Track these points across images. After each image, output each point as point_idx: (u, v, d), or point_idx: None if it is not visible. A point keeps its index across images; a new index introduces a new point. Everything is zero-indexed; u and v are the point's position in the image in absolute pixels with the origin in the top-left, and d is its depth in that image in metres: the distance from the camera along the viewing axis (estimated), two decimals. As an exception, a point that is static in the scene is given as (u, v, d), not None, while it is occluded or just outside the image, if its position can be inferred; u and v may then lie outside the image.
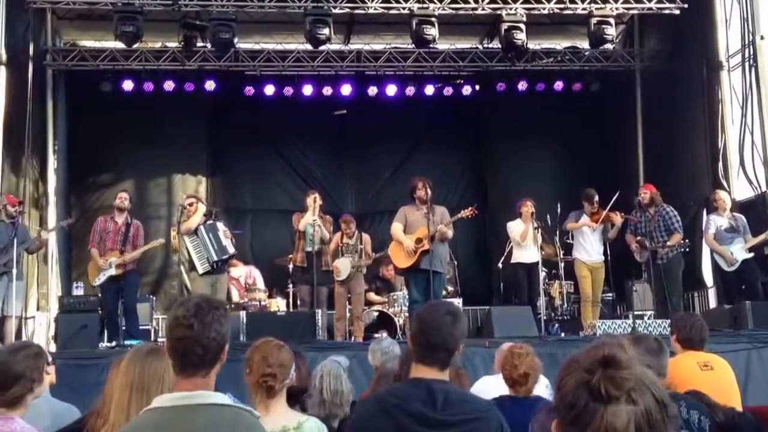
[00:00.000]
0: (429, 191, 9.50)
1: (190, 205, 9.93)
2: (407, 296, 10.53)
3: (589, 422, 1.42)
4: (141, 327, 10.38)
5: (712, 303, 11.75)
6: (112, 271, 9.81)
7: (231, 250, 9.86)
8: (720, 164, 11.99)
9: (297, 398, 4.01)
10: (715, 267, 10.75)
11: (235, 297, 11.93)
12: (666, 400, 1.44)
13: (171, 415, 2.48)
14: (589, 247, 10.75)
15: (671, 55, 13.40)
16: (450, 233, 9.52)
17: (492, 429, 2.81)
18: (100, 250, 9.98)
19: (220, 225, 9.93)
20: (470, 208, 9.70)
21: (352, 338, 10.67)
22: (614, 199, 10.55)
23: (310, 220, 10.21)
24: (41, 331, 11.82)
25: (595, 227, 10.67)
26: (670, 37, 13.49)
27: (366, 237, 11.45)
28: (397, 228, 9.59)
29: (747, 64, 11.70)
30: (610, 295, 11.81)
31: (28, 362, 3.48)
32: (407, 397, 2.78)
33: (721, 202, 10.43)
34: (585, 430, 1.42)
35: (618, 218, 10.51)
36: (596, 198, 10.75)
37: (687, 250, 10.15)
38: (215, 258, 9.67)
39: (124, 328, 9.87)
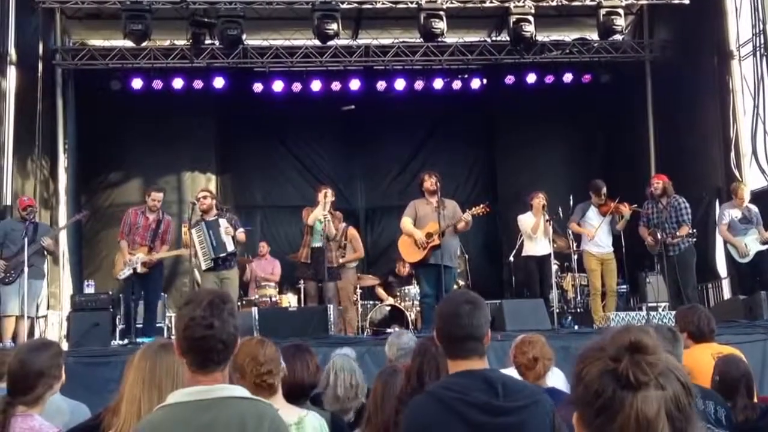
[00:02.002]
0: (437, 183, 9.49)
1: (204, 198, 9.93)
2: (419, 291, 10.53)
3: (618, 410, 1.38)
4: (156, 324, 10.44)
5: (726, 294, 11.68)
6: (138, 268, 9.81)
7: (230, 247, 9.74)
8: (732, 154, 11.92)
9: (307, 394, 3.98)
10: (729, 258, 10.70)
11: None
12: (690, 384, 1.42)
13: (193, 409, 2.47)
14: (598, 240, 10.70)
15: (681, 45, 13.33)
16: (468, 225, 9.55)
17: (548, 410, 2.81)
18: (128, 244, 9.99)
19: (223, 222, 9.80)
20: (482, 206, 9.66)
21: (365, 333, 10.66)
22: (617, 200, 10.53)
23: (320, 215, 10.18)
24: (53, 329, 11.86)
25: (592, 237, 10.62)
26: (680, 27, 13.41)
27: (353, 232, 11.43)
28: (406, 222, 9.58)
29: (758, 53, 11.62)
30: (624, 287, 11.76)
31: (48, 360, 3.49)
32: (466, 390, 2.73)
33: (740, 193, 10.32)
34: (614, 419, 1.39)
35: (626, 209, 10.46)
36: (604, 189, 10.70)
37: (695, 239, 10.10)
38: (213, 255, 9.66)
39: (139, 325, 9.89)
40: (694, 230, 10.07)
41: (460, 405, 2.70)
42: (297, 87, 14.24)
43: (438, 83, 14.62)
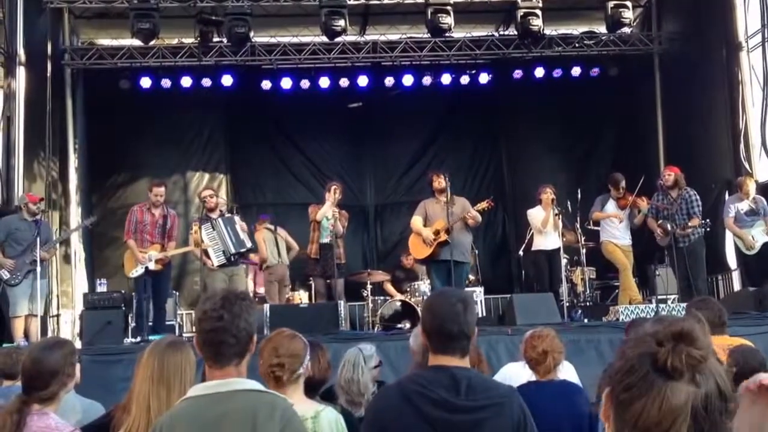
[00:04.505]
0: (444, 182, 9.58)
1: (210, 197, 9.98)
2: (429, 286, 10.57)
3: (644, 392, 1.38)
4: (166, 322, 10.47)
5: (737, 286, 11.66)
6: (151, 266, 9.77)
7: (248, 243, 9.89)
8: (741, 146, 11.88)
9: (316, 390, 4.00)
10: (738, 250, 10.68)
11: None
12: (729, 394, 1.40)
13: (207, 402, 2.56)
14: (616, 231, 10.68)
15: (690, 37, 13.27)
16: (476, 220, 9.56)
17: (515, 412, 2.81)
18: (137, 242, 9.87)
19: (237, 218, 9.96)
20: (485, 201, 9.70)
21: (375, 328, 10.69)
22: (640, 183, 10.49)
23: (328, 211, 10.23)
24: (66, 328, 11.92)
25: (621, 220, 10.60)
26: (688, 19, 13.36)
27: (283, 231, 11.51)
28: (416, 221, 9.76)
29: (767, 45, 11.55)
30: (633, 279, 11.75)
31: (62, 358, 3.51)
32: (430, 384, 2.78)
33: (746, 188, 10.29)
34: (638, 400, 1.39)
35: (644, 204, 10.44)
36: (623, 183, 10.67)
37: (708, 229, 10.08)
38: (233, 251, 9.71)
39: (150, 323, 9.93)
40: (707, 220, 10.05)
41: (418, 398, 2.76)
42: (305, 84, 14.24)
43: (446, 78, 14.58)
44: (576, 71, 14.51)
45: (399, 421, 2.77)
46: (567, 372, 4.78)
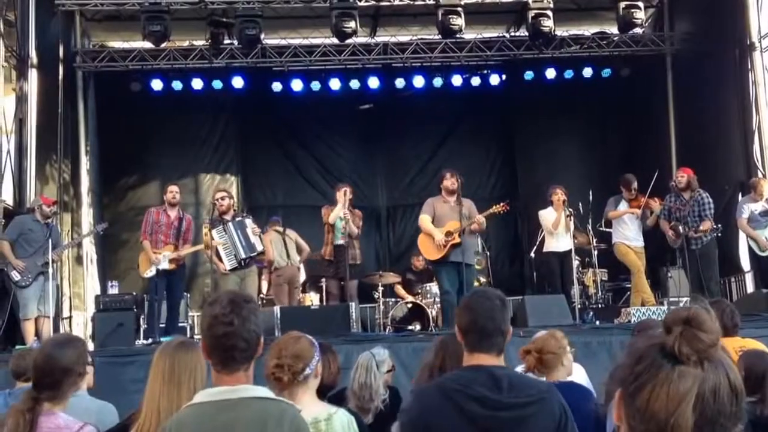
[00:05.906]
0: (457, 183, 9.48)
1: (222, 199, 10.00)
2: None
3: (652, 378, 1.38)
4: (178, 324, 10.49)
5: (750, 287, 11.59)
6: (165, 265, 9.78)
7: (259, 247, 9.88)
8: (755, 147, 11.82)
9: (324, 394, 3.98)
10: (751, 252, 10.62)
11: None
12: (740, 388, 1.39)
13: (215, 408, 2.52)
14: (629, 233, 10.63)
15: (702, 37, 13.20)
16: (481, 228, 9.55)
17: (556, 408, 2.82)
18: (152, 243, 9.92)
19: (249, 222, 9.95)
20: (502, 204, 9.65)
21: (386, 330, 10.68)
22: (652, 182, 10.43)
23: (340, 213, 10.23)
24: (78, 330, 11.96)
25: (638, 214, 10.57)
26: (700, 20, 13.29)
27: (293, 233, 11.45)
28: (425, 220, 9.56)
29: (780, 45, 11.50)
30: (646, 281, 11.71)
31: (76, 356, 3.50)
32: (470, 383, 2.77)
33: (760, 189, 10.24)
34: (647, 385, 1.38)
35: (657, 205, 10.40)
36: (635, 184, 10.63)
37: (719, 234, 10.02)
38: (243, 255, 9.72)
39: (162, 324, 9.95)
40: (719, 225, 10.00)
41: (460, 397, 2.75)
42: (316, 86, 14.25)
43: (457, 80, 14.56)
44: (587, 72, 14.46)
45: (442, 420, 2.76)
46: (577, 374, 4.76)
